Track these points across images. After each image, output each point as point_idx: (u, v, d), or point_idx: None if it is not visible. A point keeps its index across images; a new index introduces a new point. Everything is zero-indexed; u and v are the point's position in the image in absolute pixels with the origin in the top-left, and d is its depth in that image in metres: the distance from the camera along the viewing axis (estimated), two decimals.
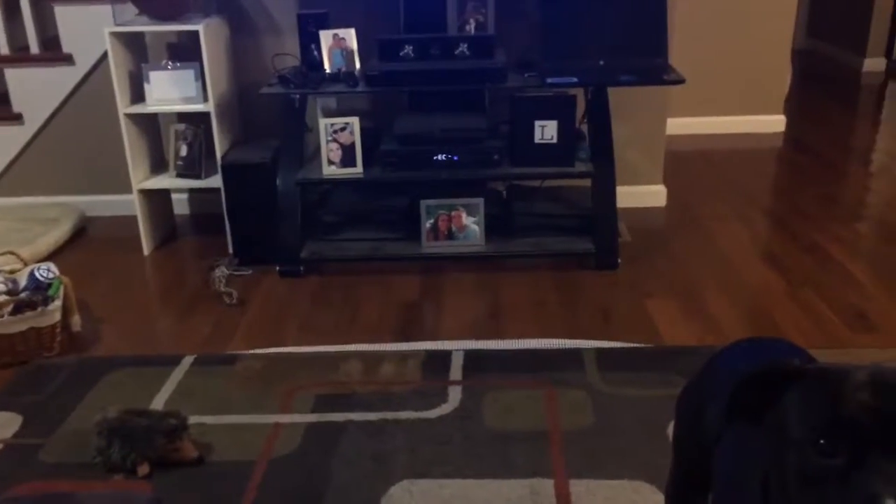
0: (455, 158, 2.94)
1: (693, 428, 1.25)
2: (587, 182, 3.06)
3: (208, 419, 2.18)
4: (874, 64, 6.18)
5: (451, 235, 3.03)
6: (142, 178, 3.25)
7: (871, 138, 4.80)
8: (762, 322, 2.57)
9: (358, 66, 3.02)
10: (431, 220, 3.02)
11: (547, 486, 1.89)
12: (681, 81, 2.84)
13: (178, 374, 2.40)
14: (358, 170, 2.95)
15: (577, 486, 1.88)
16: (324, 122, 2.93)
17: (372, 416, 2.18)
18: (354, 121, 2.92)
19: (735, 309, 2.69)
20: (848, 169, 4.16)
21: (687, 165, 4.18)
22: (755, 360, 1.16)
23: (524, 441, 2.05)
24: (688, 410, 1.26)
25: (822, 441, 0.71)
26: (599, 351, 2.45)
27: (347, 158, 2.94)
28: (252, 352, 2.53)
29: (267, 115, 3.35)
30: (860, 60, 6.21)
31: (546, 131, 2.94)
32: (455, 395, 2.27)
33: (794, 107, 5.18)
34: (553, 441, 2.05)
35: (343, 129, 2.93)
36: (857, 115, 5.25)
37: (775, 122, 4.77)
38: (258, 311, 2.81)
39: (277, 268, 3.05)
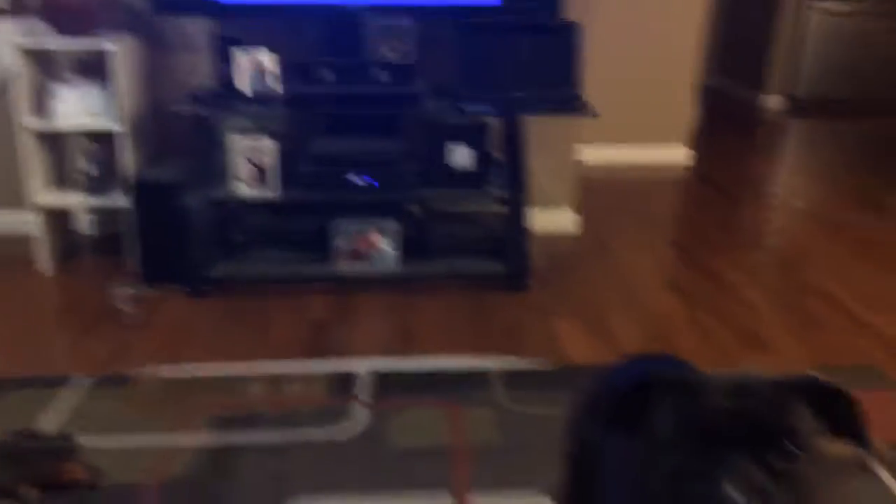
0: (370, 180, 2.96)
1: (579, 442, 1.29)
2: (501, 207, 3.12)
3: (102, 441, 2.11)
4: (774, 101, 6.53)
5: (364, 257, 3.04)
6: (43, 194, 3.14)
7: (770, 171, 5.06)
8: (662, 342, 2.66)
9: (275, 87, 3.01)
10: (345, 241, 3.02)
11: (449, 502, 1.90)
12: (594, 115, 2.95)
13: (72, 396, 2.32)
14: (272, 190, 2.93)
15: (479, 502, 1.90)
16: (238, 142, 2.91)
17: (275, 436, 2.15)
18: (269, 141, 2.91)
19: (638, 330, 2.78)
20: (747, 200, 4.37)
21: (597, 193, 4.31)
22: (638, 374, 1.22)
23: (429, 459, 2.06)
24: (575, 425, 1.30)
25: (686, 445, 0.75)
26: (506, 370, 2.49)
27: (261, 178, 2.92)
28: (152, 372, 2.47)
29: (182, 134, 3.30)
30: (761, 97, 6.55)
31: (461, 156, 3.00)
32: (362, 414, 2.26)
33: (701, 140, 5.41)
34: (458, 458, 2.06)
35: (258, 150, 2.91)
36: (758, 150, 5.53)
37: (680, 154, 4.98)
38: (162, 331, 2.75)
39: (186, 288, 2.99)
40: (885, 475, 1.99)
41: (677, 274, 3.33)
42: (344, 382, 2.42)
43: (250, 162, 2.91)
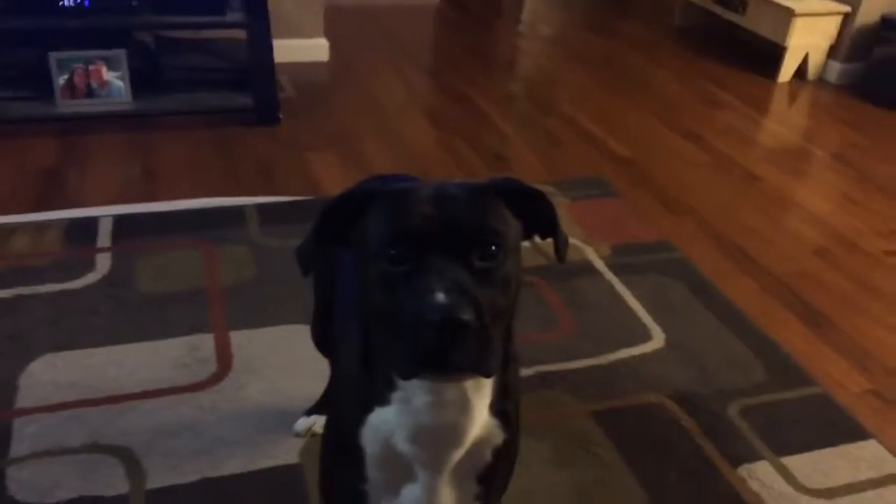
0: (86, 4, 2.60)
1: (322, 265, 1.30)
2: (241, 34, 2.91)
3: None
4: None
5: (90, 93, 2.72)
6: None
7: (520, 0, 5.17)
8: (414, 166, 2.72)
9: None
10: (66, 76, 2.68)
11: (207, 340, 1.87)
12: None
13: None
14: None
15: (238, 337, 1.89)
16: None
17: (4, 293, 1.96)
18: None
19: (391, 157, 2.81)
20: (496, 26, 4.47)
21: (348, 20, 4.16)
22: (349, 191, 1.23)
23: (182, 301, 2.00)
24: (304, 246, 1.29)
25: (391, 251, 0.77)
26: (261, 206, 2.43)
27: None
28: None
29: None
30: None
31: None
32: (104, 262, 2.11)
33: None
34: (213, 298, 2.02)
35: None
36: None
37: None
38: None
39: None
40: (609, 274, 2.25)
41: (429, 100, 3.37)
42: (80, 231, 2.23)
43: None
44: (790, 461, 1.67)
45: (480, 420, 0.88)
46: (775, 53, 3.87)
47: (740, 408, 1.81)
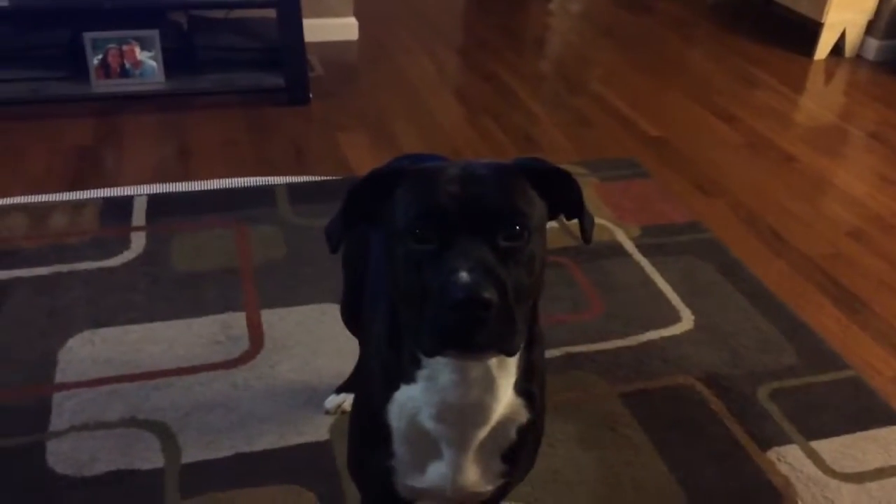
0: None
1: (352, 244, 1.31)
2: (272, 13, 2.92)
3: None
4: None
5: (124, 72, 2.76)
6: None
7: None
8: (443, 146, 2.72)
9: None
10: (100, 56, 2.71)
11: (239, 318, 1.90)
12: None
13: None
14: None
15: (269, 315, 1.92)
16: None
17: (43, 270, 2.00)
18: None
19: (421, 136, 2.81)
20: (526, 4, 4.42)
21: (380, 1, 4.16)
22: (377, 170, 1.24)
23: (215, 280, 2.03)
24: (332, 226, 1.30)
25: (417, 230, 0.77)
26: (291, 186, 2.45)
27: None
28: None
29: None
30: None
31: None
32: (139, 241, 2.15)
33: None
34: (245, 276, 2.05)
35: None
36: None
37: None
38: None
39: None
40: (638, 255, 2.24)
41: (458, 79, 3.36)
42: (116, 210, 2.27)
43: None
44: (820, 445, 1.66)
45: (505, 399, 0.89)
46: (811, 30, 3.79)
47: (770, 391, 1.80)
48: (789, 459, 1.62)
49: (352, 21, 3.59)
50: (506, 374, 0.87)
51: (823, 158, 2.88)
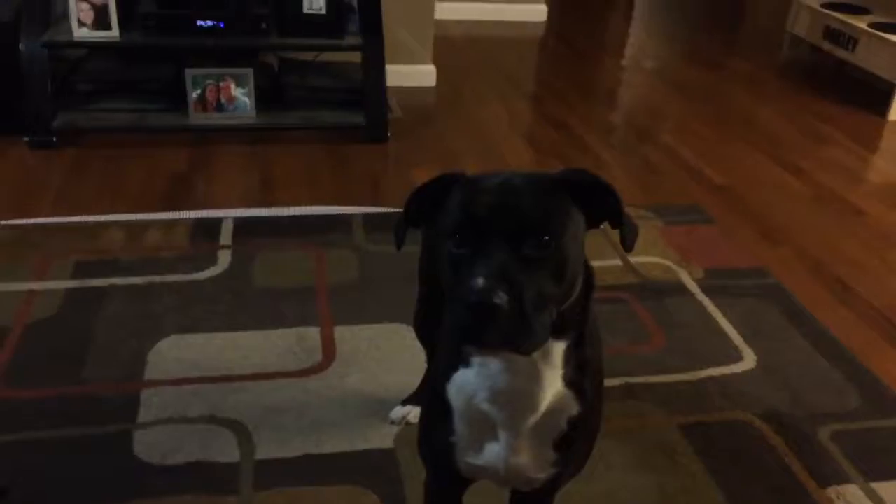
0: (221, 25, 2.85)
1: (426, 255, 1.41)
2: (358, 58, 3.11)
3: None
4: None
5: (220, 107, 2.97)
6: None
7: (621, 32, 5.24)
8: None
9: None
10: (199, 91, 2.93)
11: (313, 332, 2.01)
12: None
13: None
14: (113, 33, 2.77)
15: (342, 331, 2.02)
16: None
17: (137, 280, 2.16)
18: None
19: None
20: (600, 58, 4.55)
21: (456, 49, 4.34)
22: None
23: (292, 296, 2.15)
24: (424, 240, 1.41)
25: (457, 235, 0.87)
26: (367, 216, 2.58)
27: (101, 20, 2.75)
28: (4, 223, 2.37)
29: None
30: None
31: (315, 1, 2.93)
32: (225, 258, 2.30)
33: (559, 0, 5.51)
34: (320, 295, 2.17)
35: None
36: (611, 11, 5.68)
37: (538, 12, 5.05)
38: (5, 182, 2.62)
39: (25, 138, 2.83)
40: (701, 296, 2.28)
41: (530, 126, 3.48)
42: (205, 230, 2.43)
43: (86, 1, 2.71)
44: (881, 487, 1.66)
45: (552, 389, 0.96)
46: (886, 91, 3.79)
47: (831, 432, 1.80)
48: (848, 498, 1.62)
49: (430, 68, 3.77)
50: (550, 366, 0.94)
51: (894, 214, 2.87)
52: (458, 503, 1.21)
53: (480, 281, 0.80)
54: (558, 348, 0.94)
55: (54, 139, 2.84)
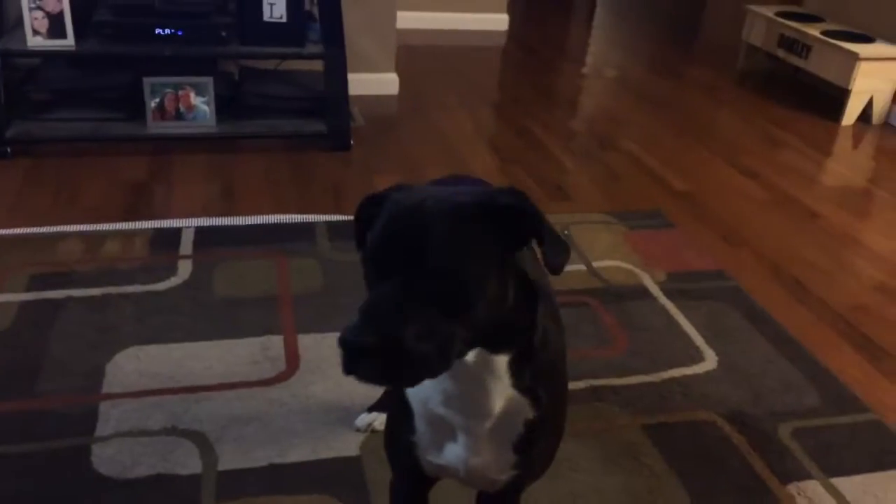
0: (179, 33, 2.82)
1: None
2: (319, 66, 3.10)
3: None
4: None
5: (179, 115, 2.93)
6: None
7: (582, 41, 5.30)
8: None
9: None
10: (157, 100, 2.89)
11: (277, 341, 1.99)
12: None
13: None
14: (69, 42, 2.72)
15: (306, 340, 2.00)
16: None
17: (95, 291, 2.12)
18: None
19: None
20: (561, 66, 4.59)
21: (419, 58, 4.35)
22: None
23: (256, 305, 2.13)
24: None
25: (366, 265, 0.86)
26: (330, 224, 2.56)
27: (55, 29, 2.70)
28: None
29: None
30: None
31: (275, 10, 2.91)
32: (185, 268, 2.27)
33: (518, 9, 5.55)
34: (283, 303, 2.14)
35: None
36: (571, 20, 5.75)
37: (499, 21, 5.08)
38: None
39: None
40: (664, 299, 2.30)
41: (493, 133, 3.49)
42: (165, 240, 2.39)
43: (40, 9, 2.67)
44: (841, 482, 1.69)
45: (502, 396, 0.96)
46: (839, 97, 3.89)
47: (792, 429, 1.83)
48: (809, 494, 1.65)
49: (393, 77, 3.77)
50: (494, 377, 0.94)
51: (849, 217, 2.94)
52: (423, 501, 1.21)
53: (355, 319, 0.80)
54: (500, 361, 0.93)
55: (8, 150, 2.78)
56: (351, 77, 3.10)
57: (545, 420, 1.02)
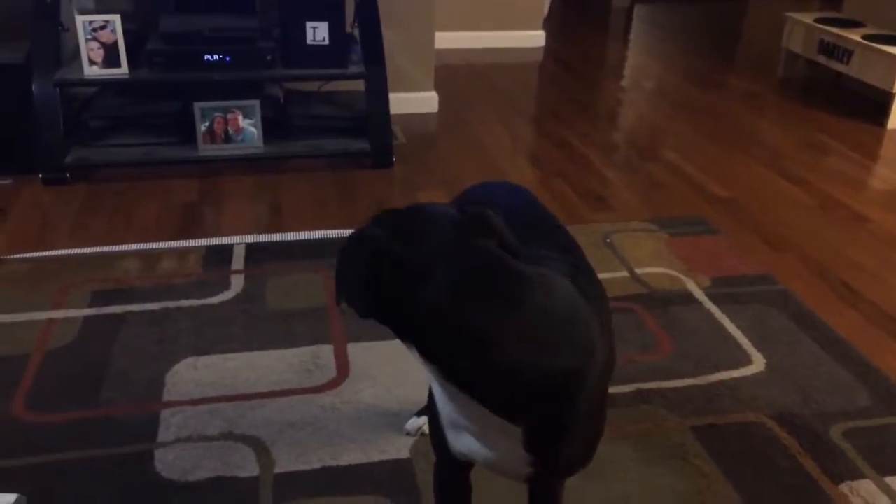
0: (227, 59, 2.93)
1: None
2: (361, 87, 3.18)
3: None
4: None
5: (227, 138, 3.03)
6: None
7: (619, 54, 5.33)
8: None
9: None
10: (207, 123, 3.00)
11: (327, 350, 2.04)
12: None
13: None
14: (123, 70, 2.84)
15: (355, 348, 2.05)
16: (81, 20, 2.78)
17: (153, 306, 2.20)
18: (115, 18, 2.80)
19: None
20: (599, 80, 4.62)
21: (457, 76, 4.42)
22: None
23: (306, 316, 2.19)
24: None
25: None
26: None
27: (110, 59, 2.82)
28: (17, 256, 2.42)
29: (16, 15, 3.10)
30: None
31: (317, 33, 3.00)
32: (238, 282, 2.34)
33: (554, 26, 5.60)
34: (332, 314, 2.20)
35: (103, 28, 2.80)
36: (608, 34, 5.78)
37: (536, 38, 5.14)
38: (21, 218, 2.67)
39: (40, 175, 2.90)
40: (709, 304, 2.30)
41: (532, 146, 3.53)
42: (217, 256, 2.48)
43: (96, 40, 2.80)
44: (895, 481, 1.67)
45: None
46: (883, 101, 3.84)
47: (843, 430, 1.81)
48: (862, 493, 1.63)
49: (432, 95, 3.84)
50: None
51: None
52: (462, 483, 1.27)
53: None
54: None
55: (67, 175, 2.91)
56: (392, 96, 3.18)
57: (553, 424, 0.99)
